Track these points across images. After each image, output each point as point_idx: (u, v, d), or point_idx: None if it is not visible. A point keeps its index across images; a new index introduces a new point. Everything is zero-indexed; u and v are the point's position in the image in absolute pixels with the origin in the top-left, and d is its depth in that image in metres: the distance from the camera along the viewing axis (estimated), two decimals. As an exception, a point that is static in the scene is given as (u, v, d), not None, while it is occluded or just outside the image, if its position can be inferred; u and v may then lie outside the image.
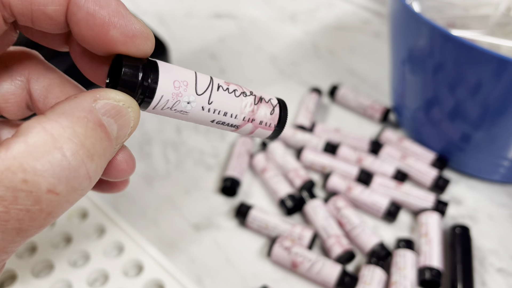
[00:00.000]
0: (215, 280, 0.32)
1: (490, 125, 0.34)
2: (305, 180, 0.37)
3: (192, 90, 0.17)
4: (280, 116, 0.20)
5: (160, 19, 0.59)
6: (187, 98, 0.17)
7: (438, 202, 0.36)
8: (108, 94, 0.15)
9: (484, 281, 0.33)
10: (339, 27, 0.59)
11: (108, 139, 0.15)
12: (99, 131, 0.14)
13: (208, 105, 0.17)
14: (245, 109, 0.18)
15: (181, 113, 0.17)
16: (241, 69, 0.51)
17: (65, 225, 0.33)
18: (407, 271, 0.31)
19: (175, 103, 0.17)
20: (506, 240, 0.36)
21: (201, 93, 0.17)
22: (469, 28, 0.35)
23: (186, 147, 0.42)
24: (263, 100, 0.19)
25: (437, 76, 0.34)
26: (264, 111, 0.19)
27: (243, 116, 0.18)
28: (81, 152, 0.14)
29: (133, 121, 0.16)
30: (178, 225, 0.36)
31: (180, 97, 0.17)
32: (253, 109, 0.19)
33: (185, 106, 0.17)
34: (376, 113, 0.45)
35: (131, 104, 0.16)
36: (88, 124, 0.14)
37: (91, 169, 0.14)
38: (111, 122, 0.15)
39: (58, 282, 0.30)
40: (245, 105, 0.18)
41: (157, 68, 0.16)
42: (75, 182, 0.14)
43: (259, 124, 0.19)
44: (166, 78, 0.16)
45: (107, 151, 0.15)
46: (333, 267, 0.31)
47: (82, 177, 0.14)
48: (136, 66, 0.16)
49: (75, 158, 0.13)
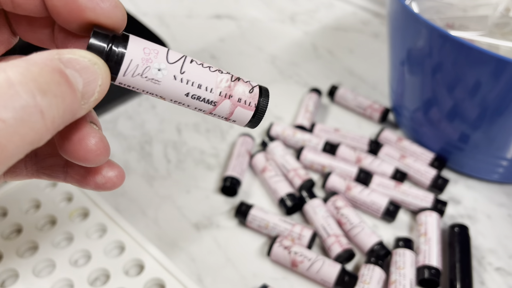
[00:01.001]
0: (215, 279, 0.33)
1: (488, 125, 0.34)
2: (305, 180, 0.37)
3: (163, 58, 0.17)
4: (261, 94, 0.19)
5: (160, 19, 0.59)
6: (157, 65, 0.17)
7: (437, 201, 0.36)
8: (73, 51, 0.15)
9: (483, 280, 0.33)
10: (338, 27, 0.60)
11: (69, 87, 0.15)
12: (57, 75, 0.14)
13: (181, 74, 0.17)
14: (221, 84, 0.18)
15: (152, 82, 0.17)
16: (241, 69, 0.51)
17: (67, 225, 0.34)
18: (406, 270, 0.31)
19: (145, 69, 0.17)
20: (504, 239, 0.36)
21: (172, 62, 0.17)
22: (468, 29, 0.35)
23: (186, 147, 0.42)
24: (241, 79, 0.19)
25: (436, 76, 0.35)
26: (242, 88, 0.18)
27: (219, 91, 0.18)
28: (31, 84, 0.13)
29: (101, 79, 0.16)
30: (179, 225, 0.36)
31: (150, 63, 0.17)
32: (230, 85, 0.18)
33: (156, 73, 0.17)
34: (375, 113, 0.45)
35: (97, 61, 0.16)
36: (45, 68, 0.14)
37: (43, 103, 0.14)
38: (75, 74, 0.15)
39: (60, 281, 0.30)
40: (221, 80, 0.18)
41: (127, 36, 0.17)
42: (23, 112, 0.13)
43: (238, 101, 0.18)
44: (136, 44, 0.17)
45: (66, 96, 0.15)
46: (333, 266, 0.31)
47: (32, 107, 0.13)
48: (107, 34, 0.16)
49: (24, 89, 0.13)
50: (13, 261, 0.31)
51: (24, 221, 0.33)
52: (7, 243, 0.32)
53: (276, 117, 0.46)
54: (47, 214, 0.34)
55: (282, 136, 0.42)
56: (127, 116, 0.45)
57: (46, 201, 0.35)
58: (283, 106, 0.47)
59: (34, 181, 0.36)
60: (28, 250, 0.33)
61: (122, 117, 0.45)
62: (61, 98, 0.14)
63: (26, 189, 0.35)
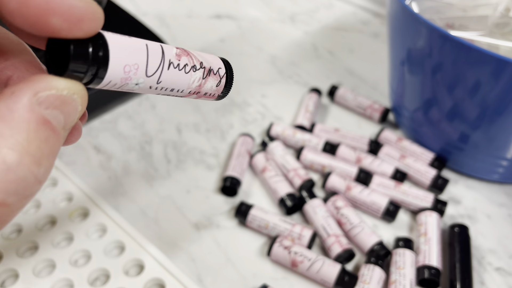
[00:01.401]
0: (215, 279, 0.33)
1: (488, 125, 0.34)
2: (305, 180, 0.37)
3: (142, 73, 0.17)
4: (226, 81, 0.21)
5: (160, 19, 0.59)
6: (136, 81, 0.17)
7: (437, 201, 0.36)
8: (49, 83, 0.14)
9: (483, 280, 0.33)
10: (338, 27, 0.60)
11: (55, 134, 0.14)
12: (44, 130, 0.13)
13: (157, 84, 0.18)
14: (192, 84, 0.19)
15: (128, 90, 0.17)
16: (241, 69, 0.51)
17: (66, 225, 0.34)
18: (406, 270, 0.31)
19: (122, 85, 0.16)
20: (504, 239, 0.36)
21: (150, 75, 0.17)
22: (468, 29, 0.35)
23: (186, 147, 0.42)
24: (212, 72, 0.20)
25: (436, 76, 0.35)
26: (210, 84, 0.20)
27: (189, 90, 0.19)
28: (26, 161, 0.13)
29: (80, 106, 0.15)
30: (179, 225, 0.36)
31: (129, 80, 0.16)
32: (201, 84, 0.19)
33: (133, 87, 0.17)
34: (375, 113, 0.45)
35: (76, 89, 0.15)
36: (30, 126, 0.13)
37: (40, 174, 0.13)
38: (56, 113, 0.14)
39: (60, 281, 0.30)
40: (193, 80, 0.19)
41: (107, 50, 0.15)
42: (25, 191, 0.13)
43: (204, 95, 0.20)
44: (117, 64, 0.15)
45: (55, 147, 0.14)
46: (333, 266, 0.31)
47: (32, 184, 0.13)
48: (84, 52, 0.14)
49: (21, 169, 0.13)
50: (13, 261, 0.31)
51: (24, 221, 0.33)
52: (7, 243, 0.32)
53: (276, 117, 0.46)
54: (47, 214, 0.34)
55: (282, 136, 0.42)
56: (127, 116, 0.45)
57: (46, 201, 0.35)
58: (283, 106, 0.47)
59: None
60: (28, 250, 0.33)
61: (122, 117, 0.45)
62: (51, 154, 0.14)
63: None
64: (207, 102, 0.47)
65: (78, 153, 0.41)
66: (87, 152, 0.41)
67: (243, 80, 0.50)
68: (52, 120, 0.14)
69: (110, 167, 0.40)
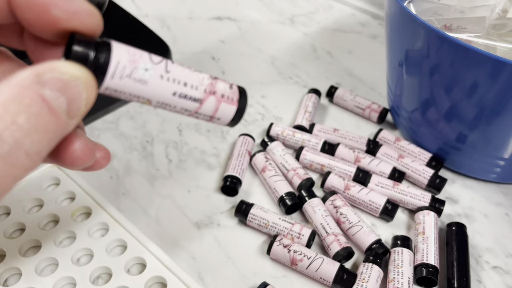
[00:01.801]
0: (215, 277, 0.33)
1: (486, 125, 0.35)
2: (304, 179, 0.38)
3: (148, 59, 0.17)
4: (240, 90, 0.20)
5: (161, 21, 0.59)
6: (144, 65, 0.17)
7: (434, 201, 0.37)
8: (53, 67, 0.15)
9: (480, 278, 0.34)
10: (337, 29, 0.60)
11: (52, 113, 0.15)
12: (38, 106, 0.14)
13: (167, 73, 0.17)
14: (204, 81, 0.18)
15: (140, 84, 0.17)
16: (241, 70, 0.52)
17: (69, 224, 0.34)
18: (404, 268, 0.32)
19: (133, 70, 0.16)
20: (501, 238, 0.36)
21: (157, 63, 0.17)
22: (465, 30, 0.36)
23: (187, 147, 0.43)
24: (219, 78, 0.19)
25: (434, 77, 0.35)
26: (222, 85, 0.19)
27: (204, 88, 0.18)
28: (12, 128, 0.14)
29: (85, 93, 0.15)
30: (180, 224, 0.36)
31: (137, 63, 0.17)
32: (212, 82, 0.19)
33: (143, 73, 0.17)
34: (373, 113, 0.45)
35: (79, 75, 0.15)
36: (24, 100, 0.14)
37: (26, 144, 0.14)
38: (57, 96, 0.15)
39: (62, 280, 0.31)
40: (203, 78, 0.19)
41: (109, 41, 0.16)
42: (10, 157, 0.14)
43: (222, 97, 0.19)
44: (120, 47, 0.16)
45: (50, 125, 0.15)
46: (332, 265, 0.32)
47: (17, 152, 0.14)
48: (89, 41, 0.16)
49: (6, 135, 0.13)
50: (16, 260, 0.31)
51: (27, 220, 0.34)
52: (10, 242, 0.32)
53: (275, 118, 0.46)
54: (49, 213, 0.34)
55: (282, 136, 0.42)
56: (129, 116, 0.45)
57: (48, 201, 0.35)
58: (283, 107, 0.47)
59: (37, 181, 0.36)
60: (30, 249, 0.33)
61: (124, 117, 0.45)
62: (43, 132, 0.14)
63: (29, 189, 0.36)
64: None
65: (79, 153, 0.41)
66: (89, 152, 0.42)
67: (243, 81, 0.50)
68: (52, 101, 0.14)
69: (112, 166, 0.40)
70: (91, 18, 0.16)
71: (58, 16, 0.16)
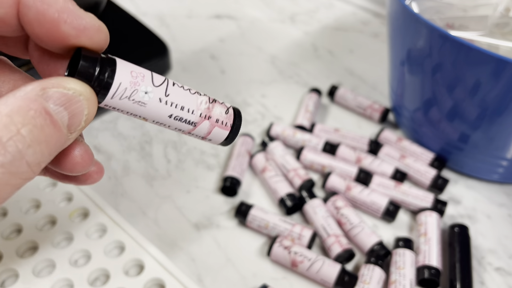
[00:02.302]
0: (215, 279, 0.33)
1: (488, 125, 0.34)
2: (305, 180, 0.37)
3: (149, 81, 0.17)
4: (235, 116, 0.20)
5: (160, 19, 0.59)
6: (144, 88, 0.17)
7: (437, 201, 0.36)
8: (58, 82, 0.16)
9: (483, 280, 0.33)
10: (338, 27, 0.60)
11: (55, 128, 0.15)
12: (42, 118, 0.15)
13: (166, 97, 0.18)
14: (201, 106, 0.19)
15: (139, 105, 0.17)
16: (241, 70, 0.51)
17: (66, 225, 0.34)
18: (406, 270, 0.31)
19: (133, 92, 0.17)
20: (504, 239, 0.36)
21: (158, 85, 0.18)
22: (468, 29, 0.35)
23: (186, 147, 0.42)
24: (217, 101, 0.20)
25: (436, 76, 0.35)
26: (219, 109, 0.20)
27: (200, 112, 0.19)
28: (15, 139, 0.14)
29: (87, 109, 0.16)
30: (179, 225, 0.36)
31: (138, 86, 0.17)
32: (209, 107, 0.19)
33: (143, 96, 0.17)
34: (375, 113, 0.45)
35: (83, 91, 0.16)
36: (29, 112, 0.14)
37: (28, 155, 0.14)
38: (60, 110, 0.15)
39: (59, 281, 0.30)
40: (201, 102, 0.19)
41: (114, 59, 0.17)
42: (11, 166, 0.14)
43: (216, 122, 0.19)
44: (124, 68, 0.17)
45: (51, 138, 0.15)
46: (333, 266, 0.31)
47: (19, 162, 0.14)
48: (95, 57, 0.16)
49: (10, 144, 0.14)
50: (13, 261, 0.31)
51: (24, 221, 0.33)
52: (7, 243, 0.32)
53: (276, 117, 0.46)
54: (47, 214, 0.34)
55: (282, 136, 0.42)
56: (127, 116, 0.45)
57: (46, 201, 0.35)
58: (283, 106, 0.47)
59: (34, 181, 0.36)
60: (28, 250, 0.33)
61: (122, 117, 0.45)
62: (45, 143, 0.15)
63: (26, 189, 0.35)
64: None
65: (78, 153, 0.41)
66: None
67: (243, 80, 0.50)
68: (55, 114, 0.15)
69: (110, 167, 0.40)
70: (99, 34, 0.17)
71: (68, 33, 0.16)
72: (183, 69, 0.51)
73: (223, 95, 0.48)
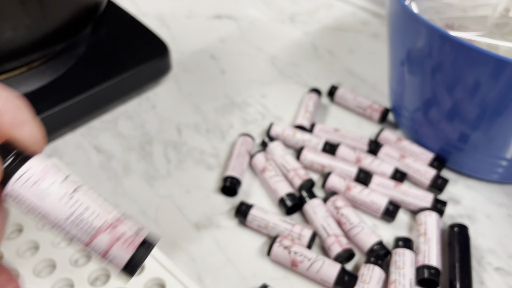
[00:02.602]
0: (215, 279, 0.33)
1: (488, 125, 0.34)
2: (305, 180, 0.37)
3: (60, 175, 0.17)
4: (144, 242, 0.17)
5: (160, 20, 0.59)
6: (52, 179, 0.17)
7: (436, 201, 0.36)
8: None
9: (482, 280, 0.33)
10: (338, 28, 0.60)
11: None
12: None
13: (72, 192, 0.17)
14: (110, 214, 0.17)
15: (38, 197, 0.16)
16: (241, 70, 0.51)
17: (67, 225, 0.34)
18: (406, 270, 0.31)
19: (38, 180, 0.16)
20: (504, 239, 0.36)
21: (67, 180, 0.17)
22: (467, 29, 0.35)
23: (186, 147, 0.42)
24: (132, 220, 0.18)
25: (436, 76, 0.35)
26: (130, 224, 0.18)
27: (105, 219, 0.17)
28: None
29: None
30: (179, 225, 0.36)
31: (45, 173, 0.17)
32: (119, 218, 0.17)
33: (48, 187, 0.16)
34: (375, 113, 0.45)
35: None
36: None
37: None
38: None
39: (60, 281, 0.31)
40: (111, 210, 0.17)
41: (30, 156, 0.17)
42: None
43: (122, 234, 0.17)
44: (37, 159, 0.17)
45: None
46: (333, 266, 0.31)
47: None
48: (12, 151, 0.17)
49: None
50: (13, 261, 0.31)
51: (25, 221, 0.34)
52: (8, 243, 0.32)
53: (276, 117, 0.46)
54: (47, 214, 0.34)
55: (282, 136, 0.42)
56: (127, 116, 0.45)
57: (46, 201, 0.35)
58: (283, 106, 0.47)
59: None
60: (28, 250, 0.33)
61: (123, 117, 0.45)
62: None
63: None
64: (207, 102, 0.47)
65: (78, 153, 0.41)
66: (87, 152, 0.41)
67: (243, 80, 0.50)
68: None
69: (110, 167, 0.40)
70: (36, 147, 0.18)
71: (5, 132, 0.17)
72: (183, 69, 0.51)
73: (223, 95, 0.48)
